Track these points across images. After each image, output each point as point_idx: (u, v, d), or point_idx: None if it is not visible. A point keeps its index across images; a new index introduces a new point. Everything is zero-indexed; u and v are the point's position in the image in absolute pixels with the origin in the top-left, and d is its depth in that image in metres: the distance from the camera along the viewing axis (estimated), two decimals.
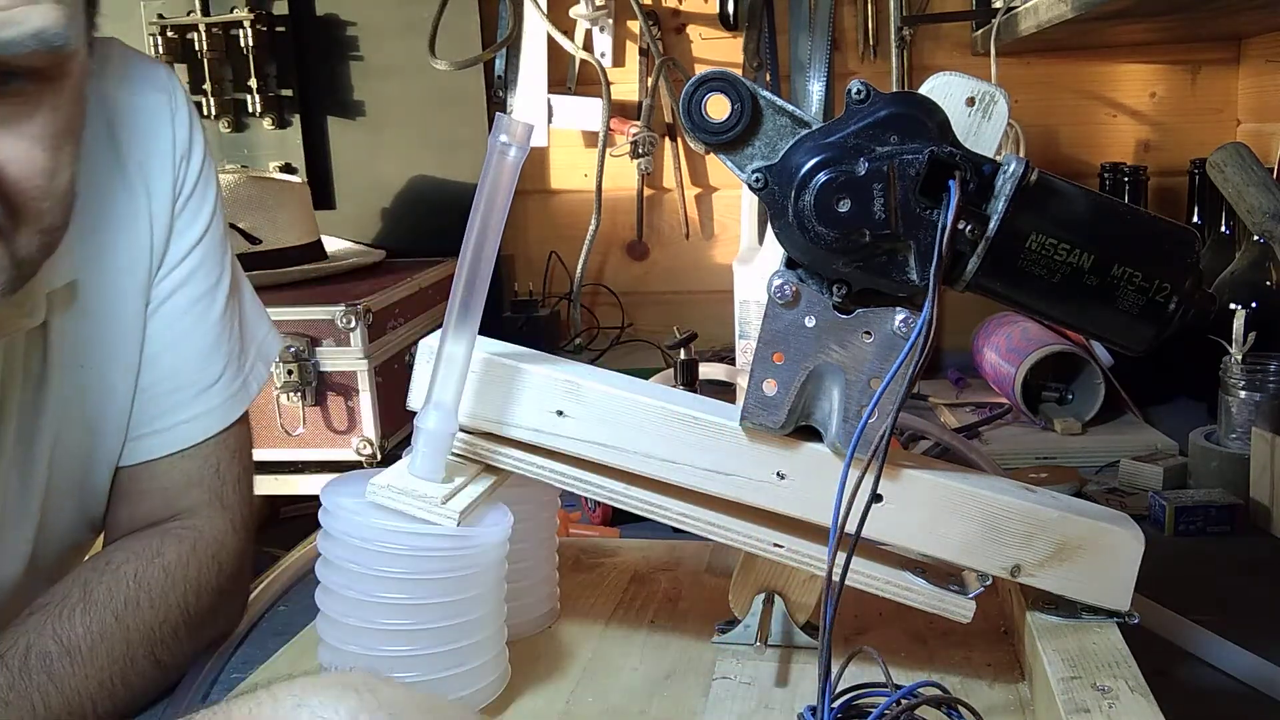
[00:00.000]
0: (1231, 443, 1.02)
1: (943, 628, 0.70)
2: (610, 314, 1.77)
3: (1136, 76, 1.65)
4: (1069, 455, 1.15)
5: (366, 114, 1.73)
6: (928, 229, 0.56)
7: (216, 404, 0.77)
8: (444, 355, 0.61)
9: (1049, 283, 0.58)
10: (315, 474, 1.25)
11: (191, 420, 0.76)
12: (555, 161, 1.78)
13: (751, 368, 0.62)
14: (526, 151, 0.60)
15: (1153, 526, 0.96)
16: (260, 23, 1.66)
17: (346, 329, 1.23)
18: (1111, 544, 0.63)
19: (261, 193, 1.45)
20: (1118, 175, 1.46)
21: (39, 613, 0.65)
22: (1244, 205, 1.11)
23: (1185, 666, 0.72)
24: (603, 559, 0.86)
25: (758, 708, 0.64)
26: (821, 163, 0.57)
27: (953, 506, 0.63)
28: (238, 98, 1.70)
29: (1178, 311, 0.58)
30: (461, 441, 0.66)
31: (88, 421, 0.74)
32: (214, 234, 0.78)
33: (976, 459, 1.02)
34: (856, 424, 0.61)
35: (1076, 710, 0.53)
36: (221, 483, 0.77)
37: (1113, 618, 0.63)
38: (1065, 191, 0.58)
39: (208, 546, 0.74)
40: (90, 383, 0.73)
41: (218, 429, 0.77)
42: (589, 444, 0.65)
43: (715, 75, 0.59)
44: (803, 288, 0.60)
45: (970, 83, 0.60)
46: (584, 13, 1.67)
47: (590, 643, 0.73)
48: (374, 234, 1.74)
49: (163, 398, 0.76)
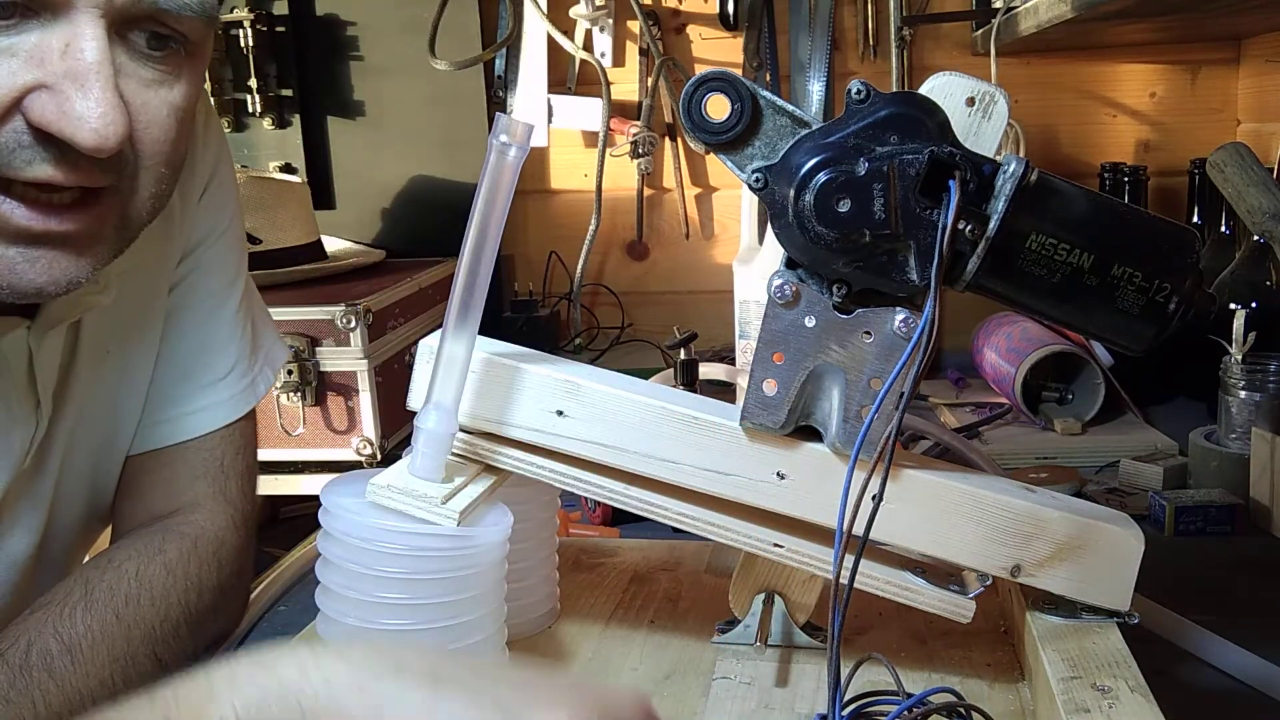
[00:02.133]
0: (1231, 443, 1.02)
1: (943, 628, 0.70)
2: (610, 314, 1.77)
3: (1136, 76, 1.65)
4: (1069, 455, 1.15)
5: (366, 114, 1.73)
6: (928, 229, 0.56)
7: (225, 398, 0.78)
8: (444, 355, 0.61)
9: (1049, 283, 0.58)
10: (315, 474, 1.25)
11: (199, 411, 0.77)
12: (555, 161, 1.78)
13: (751, 368, 0.62)
14: (526, 151, 0.60)
15: (1153, 526, 0.96)
16: (260, 23, 1.66)
17: (346, 329, 1.23)
18: (1111, 544, 0.63)
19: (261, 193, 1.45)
20: (1118, 175, 1.46)
21: (40, 610, 0.65)
22: (1244, 205, 1.11)
23: (1185, 666, 0.72)
24: (603, 559, 0.86)
25: (758, 708, 0.64)
26: (821, 163, 0.57)
27: (953, 506, 0.63)
28: (238, 98, 1.69)
29: (1178, 311, 0.58)
30: (461, 441, 0.66)
31: (107, 409, 0.74)
32: (233, 231, 0.79)
33: (976, 459, 1.02)
34: (856, 424, 0.61)
35: (1076, 710, 0.53)
36: (225, 478, 0.77)
37: (1113, 618, 0.63)
38: (1065, 191, 0.58)
39: (209, 544, 0.74)
40: (113, 371, 0.73)
41: (224, 422, 0.78)
42: (589, 444, 0.65)
43: (715, 75, 0.59)
44: (803, 288, 0.60)
45: (970, 83, 0.60)
46: (584, 13, 1.67)
47: (590, 643, 0.73)
48: (374, 234, 1.74)
49: (173, 387, 0.76)
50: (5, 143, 0.54)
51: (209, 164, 0.77)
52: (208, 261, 0.77)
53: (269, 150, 1.73)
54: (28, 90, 0.53)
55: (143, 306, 0.74)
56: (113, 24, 0.54)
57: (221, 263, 0.78)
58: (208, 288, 0.77)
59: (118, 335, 0.73)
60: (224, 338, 0.78)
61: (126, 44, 0.56)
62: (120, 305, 0.72)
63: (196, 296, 0.77)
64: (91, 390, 0.72)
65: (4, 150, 0.54)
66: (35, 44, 0.53)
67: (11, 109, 0.53)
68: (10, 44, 0.53)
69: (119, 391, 0.74)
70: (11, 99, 0.53)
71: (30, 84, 0.53)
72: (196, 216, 0.76)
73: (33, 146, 0.54)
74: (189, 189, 0.75)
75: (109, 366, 0.73)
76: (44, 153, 0.54)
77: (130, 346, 0.74)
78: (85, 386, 0.72)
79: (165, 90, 0.58)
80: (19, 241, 0.56)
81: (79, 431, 0.72)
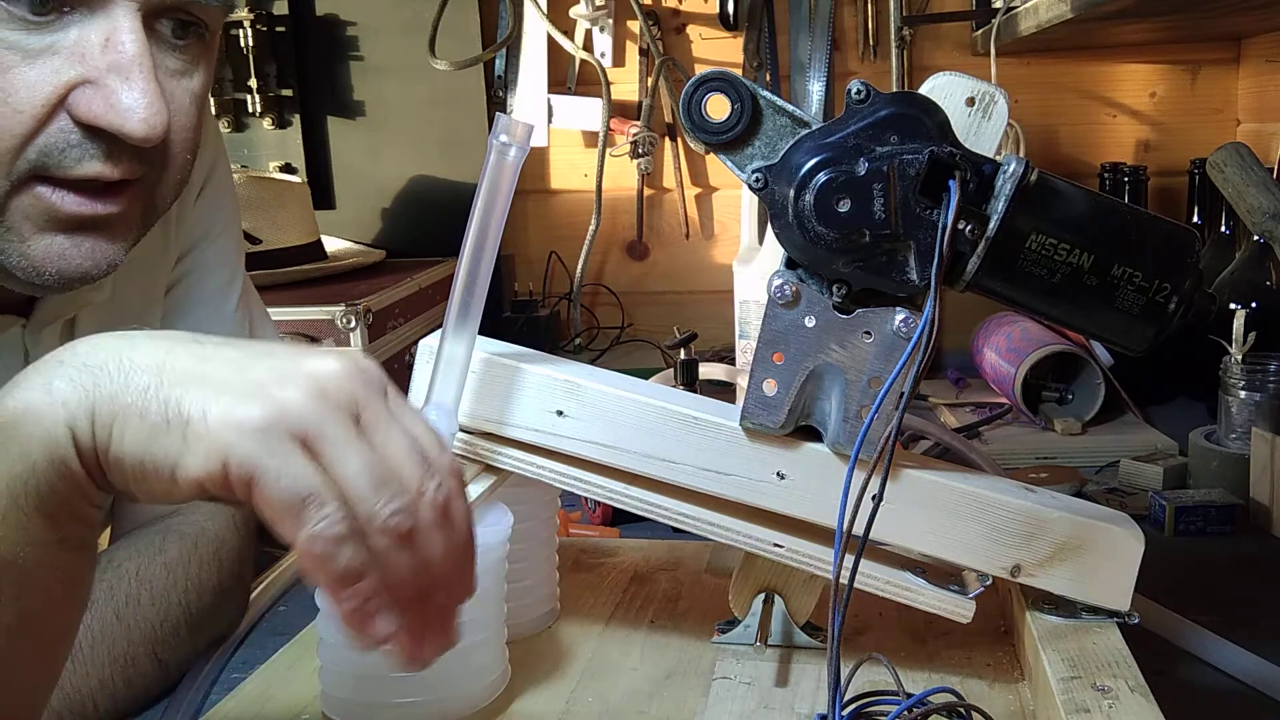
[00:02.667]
0: (1231, 443, 1.02)
1: (943, 628, 0.70)
2: (610, 314, 1.77)
3: (1136, 76, 1.65)
4: (1069, 455, 1.15)
5: (366, 114, 1.73)
6: (928, 229, 0.56)
7: None
8: (444, 355, 0.61)
9: (1049, 283, 0.58)
10: None
11: None
12: (555, 161, 1.78)
13: (751, 368, 0.62)
14: (526, 151, 0.60)
15: (1153, 526, 0.96)
16: (260, 23, 1.66)
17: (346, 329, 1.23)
18: (1111, 544, 0.63)
19: (261, 193, 1.45)
20: (1118, 175, 1.46)
21: None
22: (1244, 205, 1.11)
23: (1185, 666, 0.72)
24: (603, 559, 0.86)
25: (758, 708, 0.64)
26: (821, 163, 0.57)
27: (953, 506, 0.63)
28: (238, 98, 1.70)
29: (1178, 311, 0.58)
30: (461, 441, 0.66)
31: None
32: (230, 231, 0.79)
33: (976, 459, 1.02)
34: (856, 424, 0.61)
35: (1076, 710, 0.53)
36: None
37: (1113, 618, 0.63)
38: (1065, 191, 0.58)
39: (209, 544, 0.74)
40: None
41: None
42: (589, 444, 0.65)
43: (715, 75, 0.59)
44: (803, 288, 0.60)
45: (970, 83, 0.60)
46: (584, 13, 1.67)
47: (590, 643, 0.73)
48: (374, 234, 1.74)
49: None
50: (55, 142, 0.55)
51: (206, 163, 0.77)
52: (206, 261, 0.77)
53: (269, 150, 1.73)
54: (71, 87, 0.54)
55: (140, 305, 0.74)
56: (146, 15, 0.55)
57: (219, 262, 0.78)
58: (206, 287, 0.77)
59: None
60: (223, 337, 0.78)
61: (155, 34, 0.57)
62: (117, 304, 0.72)
63: (195, 296, 0.77)
64: None
65: (54, 150, 0.55)
66: (75, 40, 0.54)
67: (57, 107, 0.54)
68: (51, 42, 0.54)
69: None
70: (57, 97, 0.54)
71: (74, 80, 0.54)
72: (194, 216, 0.76)
73: (81, 144, 0.55)
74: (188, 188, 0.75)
75: None
76: (93, 148, 0.55)
77: None
78: None
79: (188, 79, 0.60)
80: (67, 229, 0.57)
81: None
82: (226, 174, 0.79)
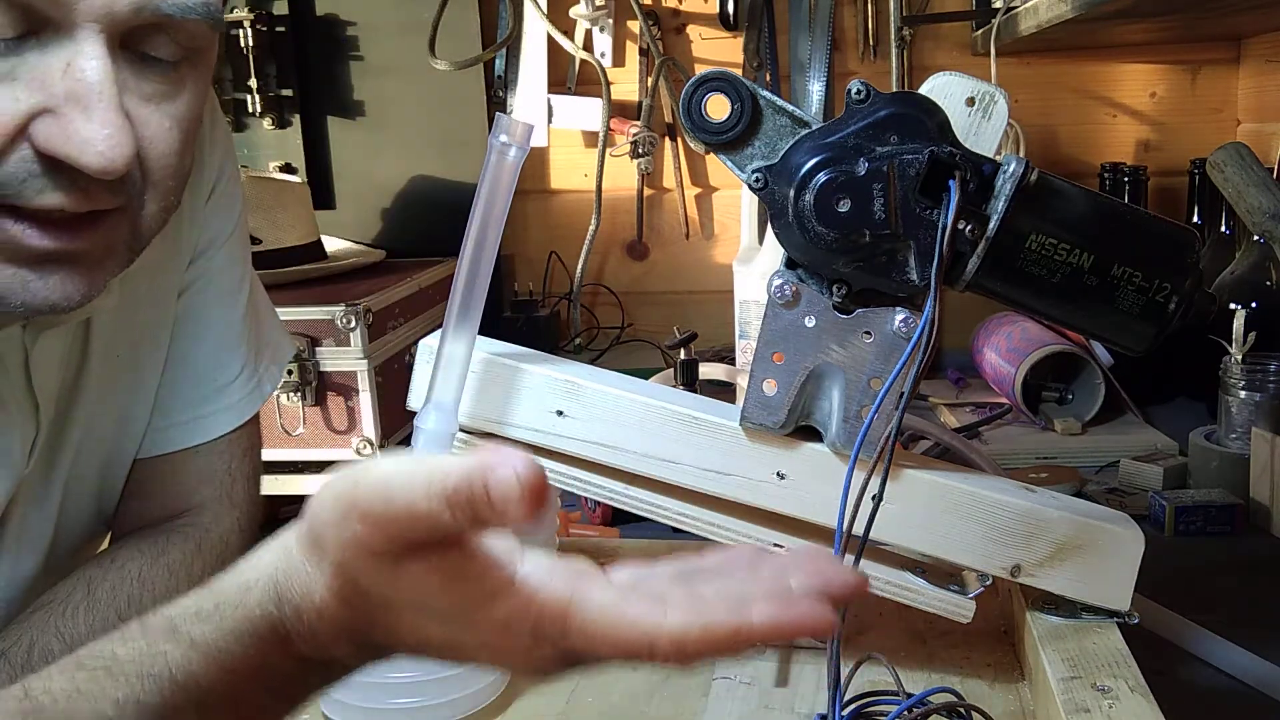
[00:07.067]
0: (1231, 443, 1.02)
1: (943, 628, 0.70)
2: (610, 314, 1.77)
3: (1136, 76, 1.65)
4: (1069, 455, 1.15)
5: (366, 114, 1.72)
6: (928, 229, 0.56)
7: (234, 401, 0.77)
8: (444, 355, 0.61)
9: (1049, 283, 0.58)
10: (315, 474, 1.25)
11: (210, 415, 0.76)
12: (555, 161, 1.78)
13: (751, 368, 0.62)
14: (526, 151, 0.60)
15: (1153, 526, 0.96)
16: (260, 23, 1.66)
17: (346, 329, 1.23)
18: (1111, 544, 0.63)
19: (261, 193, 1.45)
20: (1118, 175, 1.46)
21: (43, 610, 0.65)
22: (1244, 205, 1.11)
23: (1185, 666, 0.72)
24: (603, 559, 0.86)
25: (758, 708, 0.64)
26: (821, 163, 0.57)
27: (953, 506, 0.63)
28: (238, 98, 1.69)
29: (1178, 311, 0.58)
30: (461, 441, 0.66)
31: (117, 413, 0.74)
32: (240, 232, 0.78)
33: (976, 459, 1.02)
34: (856, 424, 0.61)
35: (1076, 710, 0.53)
36: (232, 480, 0.77)
37: (1113, 618, 0.63)
38: (1065, 191, 0.58)
39: (213, 546, 0.74)
40: (123, 374, 0.73)
41: (235, 425, 0.77)
42: (589, 444, 0.65)
43: (715, 75, 0.59)
44: (803, 288, 0.60)
45: (970, 83, 0.60)
46: (584, 13, 1.67)
47: None
48: (374, 234, 1.74)
49: (184, 391, 0.76)
50: (15, 172, 0.52)
51: (215, 165, 0.76)
52: (217, 265, 0.76)
53: (269, 150, 1.73)
54: (32, 115, 0.51)
55: (152, 310, 0.74)
56: (114, 39, 0.52)
57: (230, 265, 0.77)
58: (218, 290, 0.77)
59: (128, 338, 0.73)
60: (233, 340, 0.77)
61: (128, 57, 0.54)
62: (129, 308, 0.71)
63: (207, 300, 0.76)
64: (101, 395, 0.72)
65: (14, 180, 0.52)
66: (35, 66, 0.51)
67: (17, 136, 0.51)
68: (10, 67, 0.51)
69: (131, 394, 0.74)
70: (16, 126, 0.51)
71: (34, 108, 0.51)
72: (204, 218, 0.76)
73: (42, 175, 0.52)
74: (197, 191, 0.74)
75: (119, 370, 0.73)
76: (54, 180, 0.53)
77: (140, 350, 0.74)
78: (96, 391, 0.72)
79: (168, 104, 0.57)
80: (31, 262, 0.55)
81: (88, 437, 0.72)
82: (236, 176, 0.79)
